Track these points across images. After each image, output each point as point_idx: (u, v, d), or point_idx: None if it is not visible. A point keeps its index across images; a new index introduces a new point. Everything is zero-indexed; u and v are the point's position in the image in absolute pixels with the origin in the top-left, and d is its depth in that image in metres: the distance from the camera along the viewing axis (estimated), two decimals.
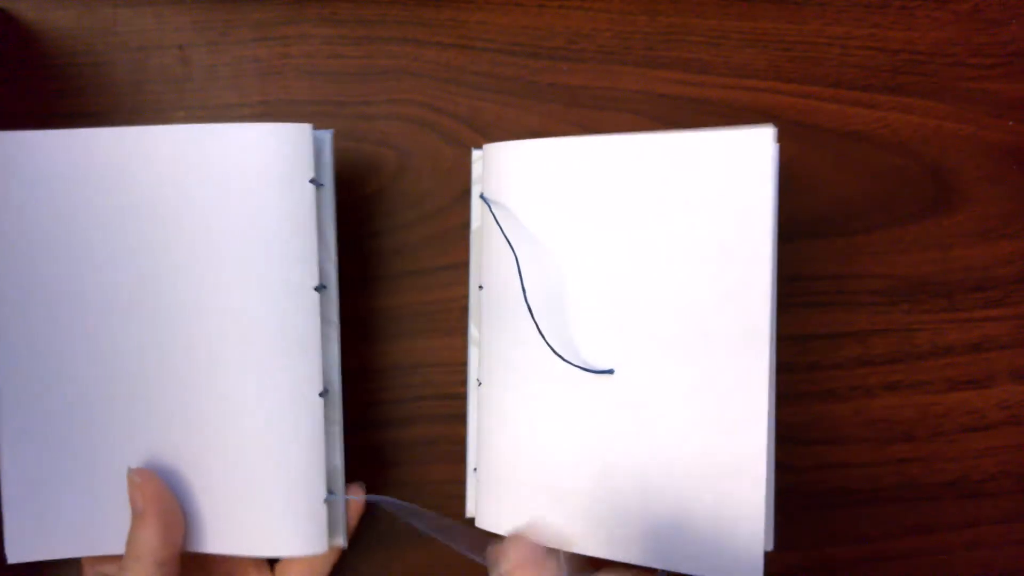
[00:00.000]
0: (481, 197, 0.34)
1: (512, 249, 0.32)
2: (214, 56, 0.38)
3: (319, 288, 0.32)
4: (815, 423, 0.38)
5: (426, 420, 0.39)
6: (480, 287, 0.35)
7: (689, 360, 0.31)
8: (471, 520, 0.35)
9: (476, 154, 0.36)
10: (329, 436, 0.33)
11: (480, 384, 0.35)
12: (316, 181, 0.32)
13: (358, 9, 0.39)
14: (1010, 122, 0.39)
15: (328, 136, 0.33)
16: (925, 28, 0.39)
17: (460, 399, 0.38)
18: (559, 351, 0.32)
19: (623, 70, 0.39)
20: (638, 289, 0.32)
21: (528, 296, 0.32)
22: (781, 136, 0.31)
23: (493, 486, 0.33)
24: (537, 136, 0.38)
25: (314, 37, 0.39)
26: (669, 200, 0.31)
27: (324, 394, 0.33)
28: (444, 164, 0.39)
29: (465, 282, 0.38)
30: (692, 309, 0.31)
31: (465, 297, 0.38)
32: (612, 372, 0.31)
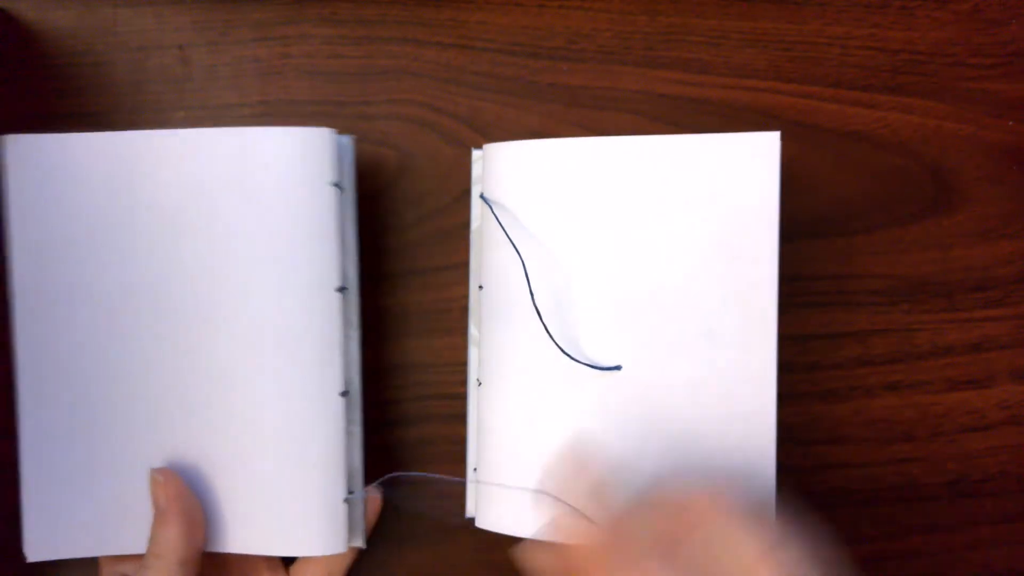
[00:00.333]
0: (481, 197, 0.34)
1: (516, 249, 0.32)
2: (214, 56, 0.38)
3: (340, 290, 0.32)
4: (815, 423, 0.38)
5: (426, 420, 0.39)
6: (480, 287, 0.35)
7: (695, 358, 0.31)
8: (471, 520, 0.35)
9: (476, 154, 0.36)
10: (349, 436, 0.33)
11: (480, 384, 0.35)
12: (338, 184, 0.32)
13: (358, 9, 0.39)
14: (1010, 122, 0.39)
15: (349, 141, 0.34)
16: (925, 28, 0.39)
17: (460, 399, 0.38)
18: (562, 350, 0.32)
19: (623, 70, 0.39)
20: (641, 288, 0.32)
21: (528, 294, 0.32)
22: (781, 136, 0.31)
23: (493, 485, 0.33)
24: (537, 136, 0.38)
25: (314, 37, 0.39)
26: (673, 201, 0.31)
27: (345, 394, 0.33)
28: (444, 164, 0.39)
29: (465, 282, 0.38)
30: (697, 308, 0.31)
31: (465, 297, 0.38)
32: (620, 368, 0.31)
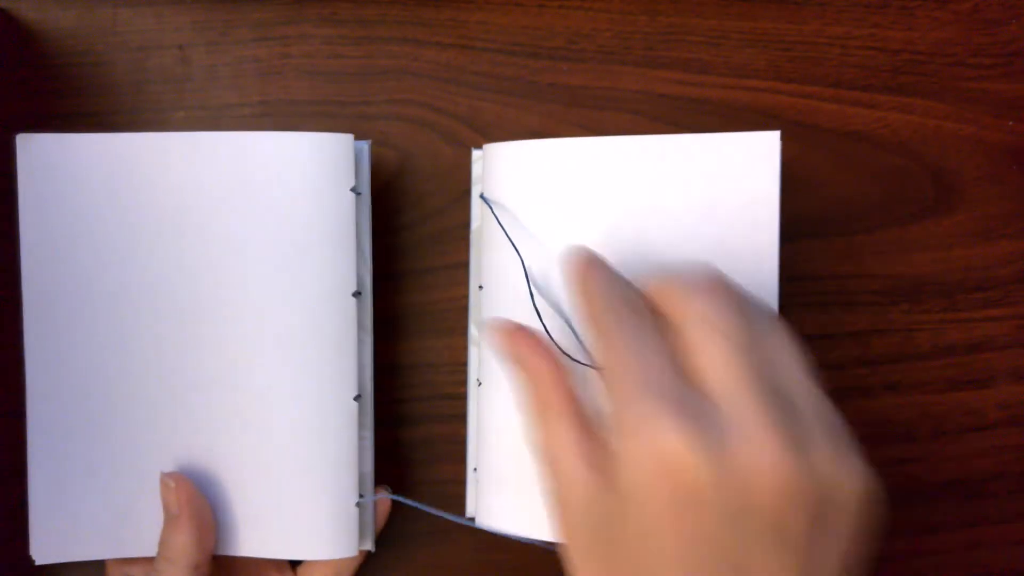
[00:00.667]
0: (481, 197, 0.34)
1: (516, 249, 0.32)
2: (214, 56, 0.38)
3: (356, 294, 0.33)
4: None
5: (426, 420, 0.39)
6: (480, 287, 0.35)
7: None
8: (471, 520, 0.35)
9: (476, 154, 0.36)
10: (360, 440, 0.33)
11: (480, 384, 0.35)
12: (355, 189, 0.32)
13: (358, 9, 0.39)
14: (1010, 122, 0.39)
15: (366, 146, 0.34)
16: (925, 28, 0.39)
17: (460, 399, 0.38)
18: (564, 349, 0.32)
19: (623, 70, 0.39)
20: (642, 289, 0.32)
21: (527, 294, 0.32)
22: (781, 136, 0.31)
23: (493, 485, 0.33)
24: (537, 136, 0.38)
25: (314, 37, 0.39)
26: (673, 201, 0.31)
27: (358, 398, 0.33)
28: (444, 164, 0.39)
29: (465, 282, 0.38)
30: None
31: (465, 297, 0.38)
32: None
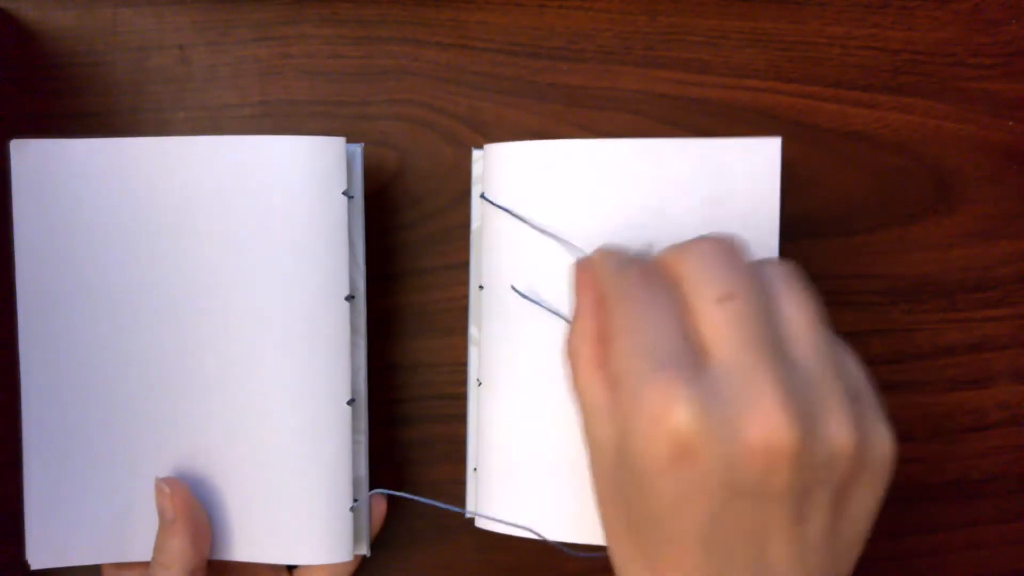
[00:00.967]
0: (482, 197, 0.34)
1: (549, 234, 0.32)
2: (214, 56, 0.38)
3: (349, 298, 0.33)
4: None
5: (425, 420, 0.39)
6: (480, 287, 0.35)
7: None
8: (471, 520, 0.35)
9: (476, 154, 0.36)
10: (354, 444, 0.33)
11: (480, 384, 0.35)
12: (347, 193, 0.32)
13: (358, 9, 0.39)
14: (1010, 122, 0.39)
15: (359, 149, 0.34)
16: (925, 28, 0.39)
17: (460, 399, 0.38)
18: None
19: (623, 70, 0.39)
20: None
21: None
22: (782, 136, 0.31)
23: (494, 486, 0.33)
24: (537, 136, 0.38)
25: (314, 37, 0.39)
26: (674, 204, 0.32)
27: (351, 402, 0.33)
28: (444, 164, 0.39)
29: (465, 282, 0.38)
30: None
31: (465, 297, 0.38)
32: None
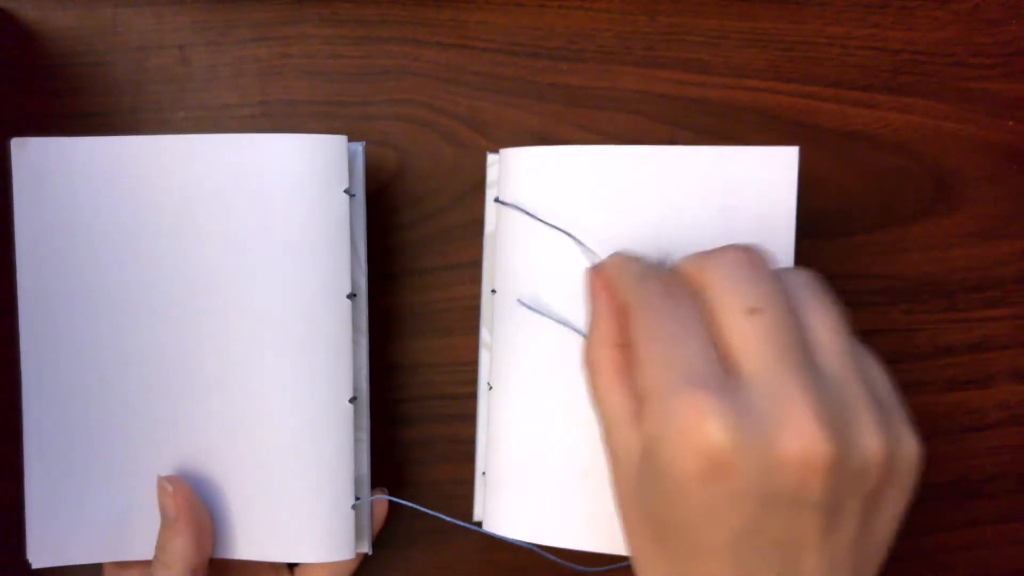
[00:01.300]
0: (497, 201, 0.34)
1: (571, 236, 0.32)
2: (214, 56, 0.38)
3: (350, 296, 0.33)
4: None
5: (426, 420, 0.39)
6: (493, 291, 0.35)
7: None
8: (478, 524, 0.35)
9: (492, 158, 0.36)
10: (356, 443, 0.33)
11: (491, 388, 0.35)
12: (348, 191, 0.32)
13: (358, 9, 0.39)
14: (1010, 122, 0.39)
15: (360, 148, 0.34)
16: (925, 28, 0.39)
17: (460, 399, 0.38)
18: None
19: (623, 70, 0.39)
20: None
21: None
22: (781, 136, 0.31)
23: (503, 490, 0.33)
24: (538, 136, 0.39)
25: (314, 37, 0.39)
26: (690, 211, 0.32)
27: (353, 400, 0.33)
28: (444, 164, 0.39)
29: (465, 282, 0.38)
30: None
31: (465, 297, 0.38)
32: None
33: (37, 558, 0.33)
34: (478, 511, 0.36)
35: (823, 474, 0.21)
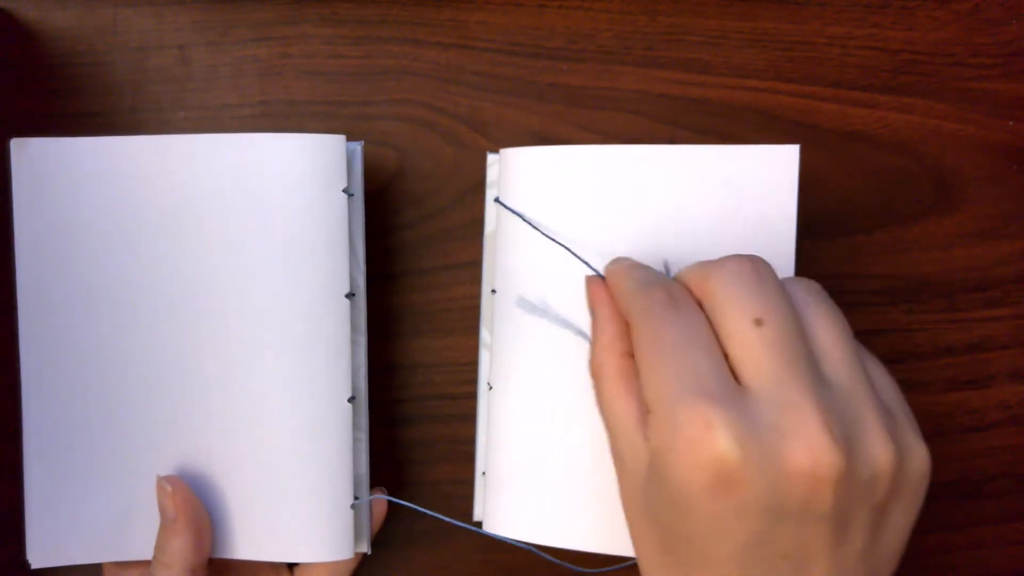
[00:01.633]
0: (496, 201, 0.34)
1: (562, 244, 0.32)
2: (214, 56, 0.38)
3: (349, 296, 0.33)
4: None
5: (426, 420, 0.39)
6: (493, 291, 0.35)
7: None
8: (478, 524, 0.35)
9: (492, 158, 0.36)
10: (355, 442, 0.33)
11: (491, 388, 0.35)
12: (347, 191, 0.32)
13: (358, 9, 0.39)
14: (1010, 122, 0.39)
15: (359, 147, 0.34)
16: (925, 28, 0.39)
17: (460, 399, 0.38)
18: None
19: (623, 70, 0.39)
20: None
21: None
22: (781, 136, 0.31)
23: (503, 490, 0.33)
24: (538, 136, 0.39)
25: (314, 37, 0.39)
26: (691, 210, 0.32)
27: (352, 400, 0.33)
28: (444, 164, 0.39)
29: (465, 282, 0.38)
30: None
31: (466, 297, 0.38)
32: None
33: (37, 558, 0.33)
34: (478, 511, 0.36)
35: (832, 485, 0.21)
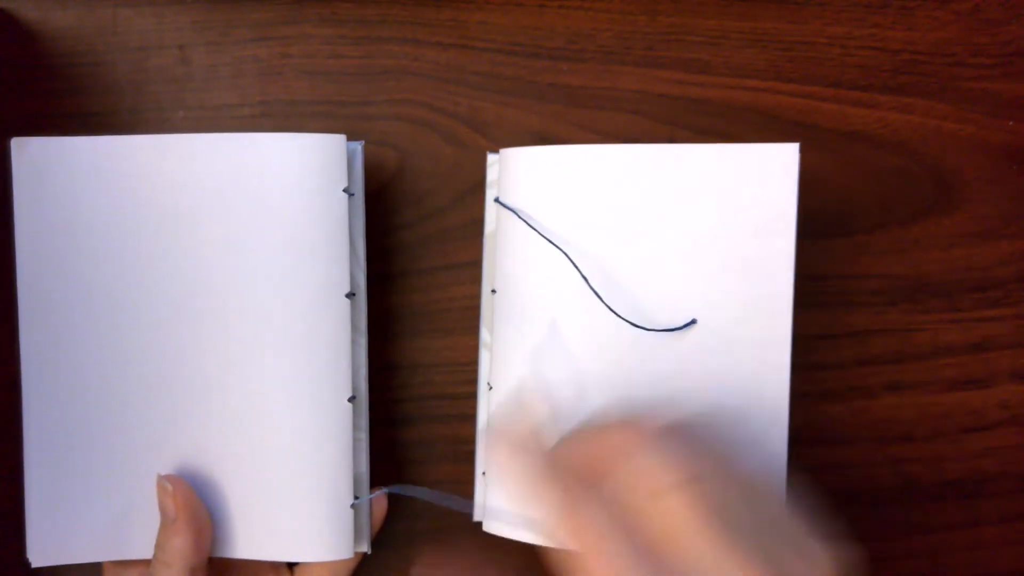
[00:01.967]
0: (496, 201, 0.34)
1: (556, 245, 0.32)
2: (214, 56, 0.38)
3: (349, 295, 0.33)
4: (815, 423, 0.38)
5: (426, 420, 0.39)
6: (493, 291, 0.35)
7: (710, 366, 0.31)
8: (478, 524, 0.35)
9: (492, 158, 0.36)
10: (355, 442, 0.33)
11: (491, 388, 0.35)
12: (348, 190, 0.32)
13: (358, 9, 0.39)
14: (1010, 122, 0.39)
15: (359, 147, 0.34)
16: (925, 28, 0.39)
17: (460, 399, 0.38)
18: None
19: (623, 70, 0.39)
20: (659, 296, 0.32)
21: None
22: (781, 136, 0.32)
23: (503, 490, 0.33)
24: (538, 136, 0.39)
25: (314, 37, 0.39)
26: (691, 210, 0.32)
27: (352, 400, 0.33)
28: (444, 164, 0.39)
29: (465, 282, 0.38)
30: (713, 316, 0.31)
31: (466, 297, 0.38)
32: (695, 321, 0.31)
33: (37, 557, 0.33)
34: (478, 511, 0.36)
35: None
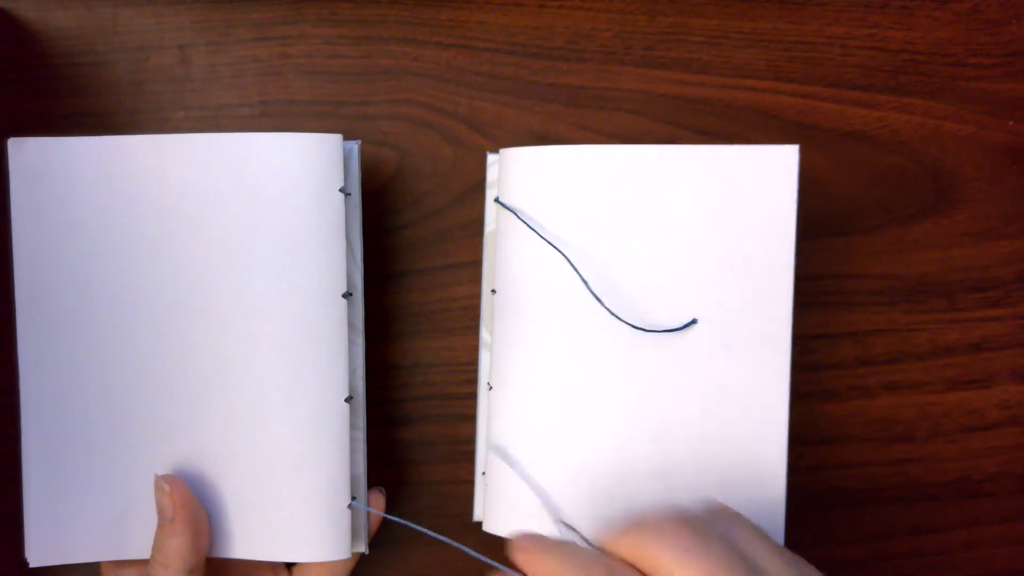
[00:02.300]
0: (496, 201, 0.34)
1: (554, 246, 0.32)
2: (214, 56, 0.38)
3: (346, 295, 0.33)
4: (815, 423, 0.38)
5: (426, 420, 0.39)
6: (493, 291, 0.35)
7: (709, 366, 0.31)
8: (478, 524, 0.35)
9: (492, 158, 0.36)
10: (352, 442, 0.33)
11: (491, 388, 0.35)
12: (344, 190, 0.32)
13: (358, 9, 0.39)
14: (1010, 122, 0.39)
15: (356, 146, 0.34)
16: (925, 28, 0.39)
17: (460, 399, 0.38)
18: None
19: (623, 70, 0.39)
20: (659, 296, 0.32)
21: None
22: (781, 136, 0.32)
23: (502, 490, 0.33)
24: (538, 136, 0.39)
25: (314, 37, 0.39)
26: (690, 210, 0.32)
27: (349, 400, 0.33)
28: (444, 164, 0.39)
29: (465, 282, 0.38)
30: (712, 316, 0.31)
31: (465, 297, 0.38)
32: (695, 321, 0.32)
33: (35, 557, 0.33)
34: (478, 511, 0.36)
35: None
